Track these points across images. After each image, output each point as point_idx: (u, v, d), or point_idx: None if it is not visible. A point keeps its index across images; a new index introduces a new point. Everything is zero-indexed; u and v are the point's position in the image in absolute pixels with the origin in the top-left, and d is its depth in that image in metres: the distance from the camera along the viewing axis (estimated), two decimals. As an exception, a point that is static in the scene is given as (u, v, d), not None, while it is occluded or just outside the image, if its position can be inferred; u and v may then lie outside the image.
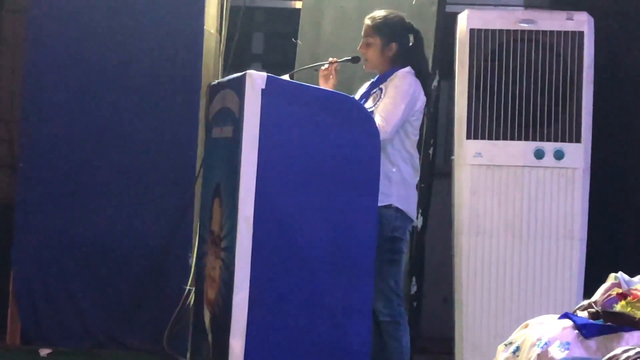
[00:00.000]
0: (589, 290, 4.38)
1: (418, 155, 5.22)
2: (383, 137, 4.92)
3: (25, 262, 6.09)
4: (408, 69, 5.15)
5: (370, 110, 5.03)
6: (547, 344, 3.97)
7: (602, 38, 5.95)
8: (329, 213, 4.78)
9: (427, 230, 6.19)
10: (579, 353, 3.91)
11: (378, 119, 4.96)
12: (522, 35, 5.80)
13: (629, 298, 4.04)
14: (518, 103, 5.77)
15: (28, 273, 6.09)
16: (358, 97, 5.24)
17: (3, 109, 7.00)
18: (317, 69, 5.46)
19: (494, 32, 5.80)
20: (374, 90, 5.18)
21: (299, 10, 6.58)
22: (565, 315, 4.15)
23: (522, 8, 7.07)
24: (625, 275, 4.19)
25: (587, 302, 4.19)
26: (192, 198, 6.08)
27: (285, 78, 5.12)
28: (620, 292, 4.09)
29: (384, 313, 5.05)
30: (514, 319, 5.49)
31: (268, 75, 4.75)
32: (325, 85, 5.31)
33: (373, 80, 5.26)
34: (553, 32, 5.79)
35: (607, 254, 6.18)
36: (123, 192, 6.11)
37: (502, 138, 5.78)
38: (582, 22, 5.79)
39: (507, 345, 4.22)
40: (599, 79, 5.89)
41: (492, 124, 5.79)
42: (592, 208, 5.80)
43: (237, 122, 4.81)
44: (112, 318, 6.08)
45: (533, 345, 4.02)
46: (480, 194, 5.79)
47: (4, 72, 7.05)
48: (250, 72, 4.77)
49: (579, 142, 5.76)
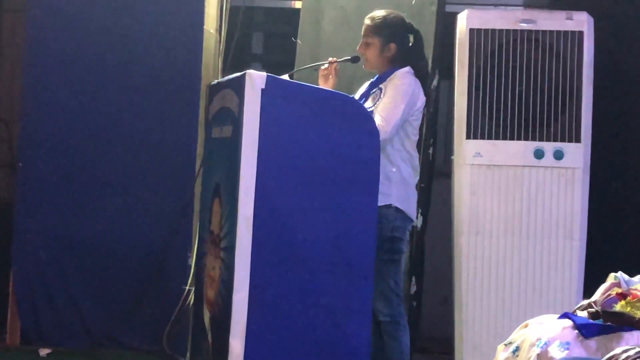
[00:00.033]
0: (589, 290, 4.38)
1: (418, 155, 5.22)
2: (383, 137, 4.92)
3: (25, 261, 6.08)
4: (408, 69, 5.15)
5: (370, 110, 5.02)
6: (546, 344, 3.97)
7: (602, 38, 5.95)
8: (329, 213, 4.78)
9: (426, 230, 6.19)
10: (579, 353, 3.91)
11: (378, 119, 4.96)
12: (521, 35, 5.79)
13: (629, 298, 4.04)
14: (518, 103, 5.77)
15: (28, 273, 6.08)
16: (358, 97, 5.24)
17: (3, 109, 7.00)
18: (316, 69, 5.46)
19: (494, 32, 5.80)
20: (374, 90, 5.18)
21: (299, 10, 6.58)
22: (565, 315, 4.15)
23: (521, 8, 7.07)
24: (625, 275, 4.19)
25: (586, 302, 4.19)
26: (191, 198, 6.07)
27: (285, 78, 5.12)
28: (620, 292, 4.09)
29: (384, 313, 5.05)
30: (514, 319, 5.49)
31: (268, 75, 4.75)
32: (325, 85, 5.31)
33: (372, 80, 5.26)
34: (553, 32, 5.78)
35: (606, 254, 6.17)
36: (123, 192, 6.11)
37: (501, 138, 5.78)
38: (581, 21, 5.79)
39: (506, 345, 4.22)
40: (599, 79, 5.89)
41: (491, 124, 5.79)
42: (591, 208, 5.80)
43: (236, 122, 4.80)
44: (112, 318, 6.08)
45: (533, 345, 4.02)
46: (480, 194, 5.79)
47: (4, 71, 7.05)
48: (250, 72, 4.77)
49: (579, 142, 5.76)
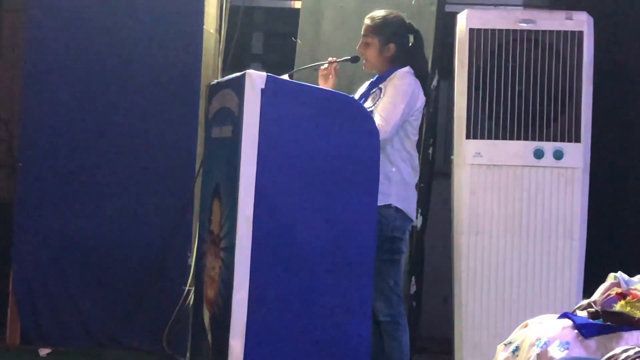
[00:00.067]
0: (589, 290, 4.37)
1: (417, 155, 5.22)
2: (383, 136, 4.91)
3: (25, 261, 6.09)
4: (407, 69, 5.15)
5: (370, 110, 5.02)
6: (546, 344, 3.97)
7: (601, 38, 5.95)
8: (329, 213, 4.77)
9: (426, 230, 6.19)
10: (579, 353, 3.91)
11: (378, 119, 4.96)
12: (521, 35, 5.79)
13: (629, 298, 4.04)
14: (517, 103, 5.77)
15: (28, 273, 6.09)
16: (357, 96, 5.24)
17: (3, 109, 7.00)
18: (316, 69, 5.46)
19: (494, 31, 5.80)
20: (374, 90, 5.18)
21: (299, 10, 6.58)
22: (565, 315, 4.15)
23: (521, 8, 7.07)
24: (625, 275, 4.19)
25: (586, 301, 4.19)
26: (191, 198, 6.07)
27: (285, 78, 5.12)
28: (620, 291, 4.09)
29: (384, 313, 5.05)
30: (514, 319, 5.49)
31: (267, 75, 4.75)
32: (325, 85, 5.31)
33: (372, 80, 5.26)
34: (552, 31, 5.78)
35: (606, 254, 6.17)
36: (123, 192, 6.11)
37: (501, 138, 5.78)
38: (581, 21, 5.79)
39: (506, 345, 4.22)
40: (599, 79, 5.89)
41: (491, 124, 5.79)
42: (591, 208, 5.80)
43: (236, 121, 4.80)
44: (111, 318, 6.08)
45: (532, 345, 4.02)
46: (480, 194, 5.79)
47: (4, 71, 7.05)
48: (250, 71, 4.77)
49: (579, 141, 5.76)
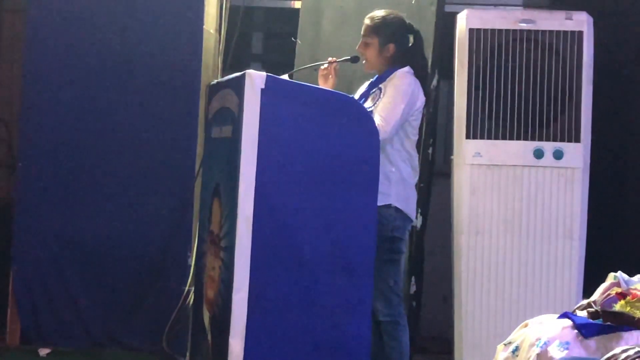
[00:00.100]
0: (589, 290, 4.37)
1: (417, 155, 5.22)
2: (382, 136, 4.91)
3: (25, 261, 6.08)
4: (407, 69, 5.15)
5: (370, 110, 5.02)
6: (546, 344, 3.97)
7: (602, 38, 5.95)
8: (329, 213, 4.77)
9: (426, 230, 6.19)
10: (578, 353, 3.91)
11: (377, 119, 4.96)
12: (521, 35, 5.79)
13: (628, 297, 4.04)
14: (517, 103, 5.77)
15: (27, 273, 6.08)
16: (357, 96, 5.24)
17: (2, 109, 7.00)
18: (316, 69, 5.46)
19: (493, 31, 5.80)
20: (373, 90, 5.18)
21: (299, 10, 6.58)
22: (565, 315, 4.15)
23: (521, 8, 7.06)
24: (625, 275, 4.18)
25: (586, 301, 4.19)
26: (191, 198, 6.07)
27: (285, 78, 5.12)
28: (620, 291, 4.09)
29: (384, 313, 5.05)
30: (514, 319, 5.49)
31: (267, 75, 4.75)
32: (325, 85, 5.31)
33: (372, 80, 5.26)
34: (552, 31, 5.78)
35: (606, 254, 6.17)
36: (122, 191, 6.10)
37: (501, 138, 5.78)
38: (581, 21, 5.79)
39: (506, 345, 4.22)
40: (599, 79, 5.88)
41: (491, 124, 5.79)
42: (591, 208, 5.80)
43: (236, 121, 4.80)
44: (111, 318, 6.08)
45: (532, 345, 4.02)
46: (480, 194, 5.79)
47: (4, 71, 7.05)
48: (250, 71, 4.76)
49: (579, 141, 5.76)
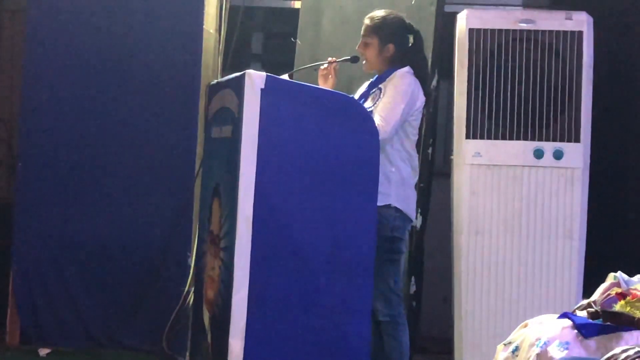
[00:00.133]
0: (588, 290, 4.37)
1: (417, 155, 5.22)
2: (382, 136, 4.91)
3: (25, 261, 6.08)
4: (407, 69, 5.15)
5: (370, 110, 5.02)
6: (546, 344, 3.97)
7: (601, 38, 5.95)
8: (328, 213, 4.77)
9: (426, 230, 6.18)
10: (578, 353, 3.91)
11: (377, 119, 4.96)
12: (521, 35, 5.79)
13: (628, 298, 4.04)
14: (517, 103, 5.77)
15: (27, 273, 6.08)
16: (357, 96, 5.24)
17: (2, 109, 7.00)
18: (316, 69, 5.45)
19: (493, 31, 5.80)
20: (373, 90, 5.17)
21: (298, 10, 6.58)
22: (565, 315, 4.15)
23: (521, 8, 7.06)
24: (625, 275, 4.18)
25: (586, 301, 4.19)
26: (191, 198, 6.06)
27: (285, 78, 5.11)
28: (620, 291, 4.08)
29: (384, 313, 5.05)
30: (513, 319, 5.49)
31: (267, 75, 4.75)
32: (325, 85, 5.31)
33: (372, 80, 5.26)
34: (552, 31, 5.78)
35: (606, 254, 6.17)
36: (122, 191, 6.10)
37: (501, 138, 5.78)
38: (581, 21, 5.79)
39: (506, 345, 4.22)
40: (598, 79, 5.88)
41: (491, 124, 5.79)
42: (591, 208, 5.80)
43: (236, 121, 4.80)
44: (111, 318, 6.07)
45: (532, 345, 4.02)
46: (480, 194, 5.79)
47: (3, 71, 7.05)
48: (250, 71, 4.76)
49: (578, 141, 5.76)
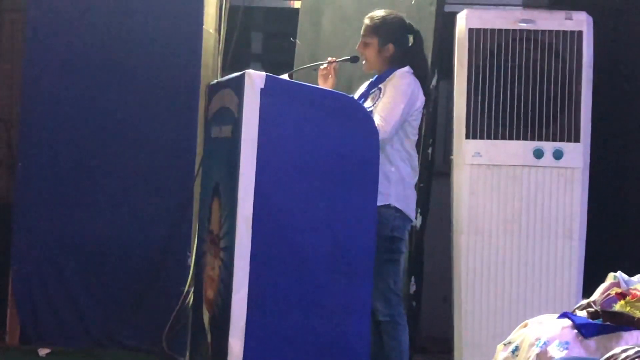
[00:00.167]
0: (588, 290, 4.37)
1: (417, 155, 5.22)
2: (382, 136, 4.91)
3: (25, 261, 6.08)
4: (407, 69, 5.15)
5: (369, 110, 5.02)
6: (546, 344, 3.97)
7: (601, 38, 5.95)
8: (328, 213, 4.77)
9: (426, 230, 6.18)
10: (578, 353, 3.91)
11: (377, 119, 4.96)
12: (521, 35, 5.79)
13: (628, 297, 4.04)
14: (517, 103, 5.77)
15: (27, 273, 6.08)
16: (357, 96, 5.24)
17: (2, 109, 6.99)
18: (316, 69, 5.46)
19: (493, 31, 5.80)
20: (373, 90, 5.17)
21: (298, 10, 6.58)
22: (564, 315, 4.15)
23: (521, 8, 7.06)
24: (625, 275, 4.18)
25: (586, 301, 4.19)
26: (191, 198, 6.07)
27: (285, 77, 5.11)
28: (620, 291, 4.08)
29: (383, 313, 5.05)
30: (513, 319, 5.49)
31: (267, 75, 4.75)
32: (325, 85, 5.31)
33: (372, 80, 5.26)
34: (552, 31, 5.78)
35: (606, 254, 6.17)
36: (122, 191, 6.10)
37: (501, 138, 5.78)
38: (581, 21, 5.78)
39: (506, 345, 4.22)
40: (598, 79, 5.88)
41: (491, 124, 5.79)
42: (591, 208, 5.79)
43: (236, 121, 4.80)
44: (111, 318, 6.08)
45: (532, 345, 4.02)
46: (480, 194, 5.79)
47: (3, 71, 7.04)
48: (249, 71, 4.76)
49: (578, 141, 5.76)
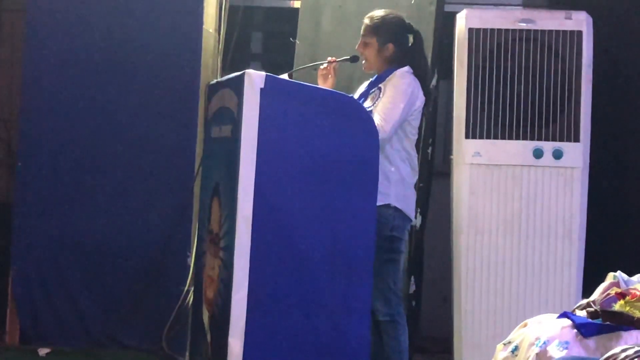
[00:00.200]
0: (588, 290, 4.38)
1: (417, 155, 5.22)
2: (382, 136, 4.91)
3: (24, 261, 6.08)
4: (407, 69, 5.15)
5: (369, 110, 5.02)
6: (545, 343, 3.97)
7: (601, 37, 5.95)
8: (328, 212, 4.77)
9: (425, 230, 6.19)
10: (578, 352, 3.91)
11: (377, 119, 4.96)
12: (520, 35, 5.79)
13: (628, 297, 4.04)
14: (517, 102, 5.77)
15: (27, 273, 6.08)
16: (357, 96, 5.24)
17: (2, 108, 7.00)
18: (315, 69, 5.46)
19: (493, 31, 5.80)
20: (373, 90, 5.17)
21: (298, 10, 6.58)
22: (564, 315, 4.15)
23: (520, 7, 7.07)
24: (624, 275, 4.19)
25: (585, 301, 4.19)
26: (191, 197, 6.06)
27: (284, 77, 5.11)
28: (619, 291, 4.09)
29: (383, 312, 5.04)
30: (513, 318, 5.49)
31: (267, 75, 4.74)
32: (324, 85, 5.31)
33: (372, 80, 5.26)
34: (552, 31, 5.78)
35: (605, 253, 6.17)
36: (122, 191, 6.10)
37: (500, 137, 5.78)
38: (581, 21, 5.79)
39: (505, 345, 4.22)
40: (598, 79, 5.88)
41: (490, 124, 5.79)
42: (590, 207, 5.80)
43: (235, 121, 4.80)
44: (111, 317, 6.07)
45: (532, 345, 4.02)
46: (479, 194, 5.79)
47: (3, 71, 7.05)
48: (249, 71, 4.76)
49: (578, 141, 5.76)
